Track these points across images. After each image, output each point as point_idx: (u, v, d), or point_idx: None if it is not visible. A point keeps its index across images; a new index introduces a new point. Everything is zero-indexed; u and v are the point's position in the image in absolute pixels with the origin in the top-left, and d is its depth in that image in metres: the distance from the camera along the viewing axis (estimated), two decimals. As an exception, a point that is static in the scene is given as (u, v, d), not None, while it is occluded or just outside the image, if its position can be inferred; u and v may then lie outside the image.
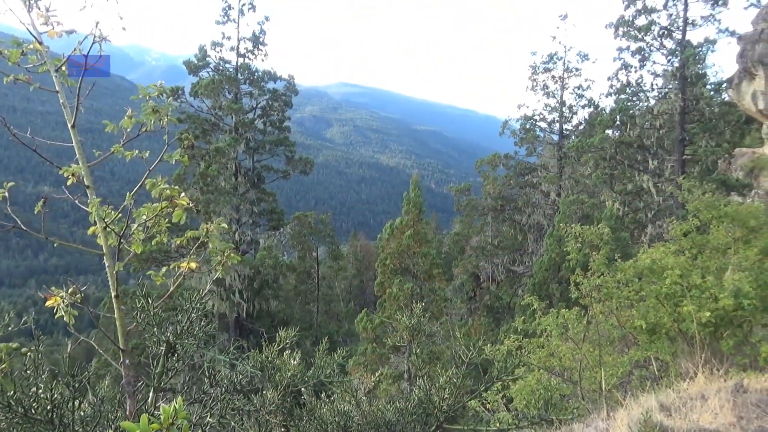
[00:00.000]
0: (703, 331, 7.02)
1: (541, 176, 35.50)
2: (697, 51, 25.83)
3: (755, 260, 7.37)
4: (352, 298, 46.29)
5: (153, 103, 2.34)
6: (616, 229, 22.72)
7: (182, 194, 2.39)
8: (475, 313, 34.29)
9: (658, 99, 28.58)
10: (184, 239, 2.51)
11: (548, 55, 35.07)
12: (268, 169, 31.04)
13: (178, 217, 2.32)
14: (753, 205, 8.98)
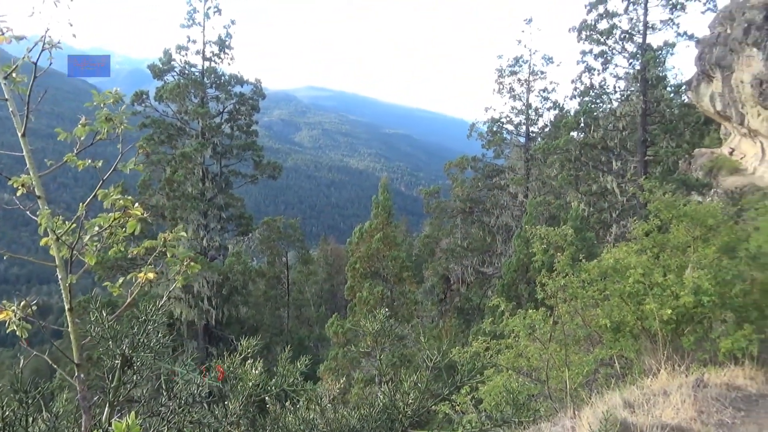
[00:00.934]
0: (665, 328, 7.19)
1: (509, 178, 35.90)
2: (657, 54, 26.49)
3: (713, 258, 7.57)
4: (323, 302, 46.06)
5: (107, 111, 2.29)
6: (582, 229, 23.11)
7: (136, 204, 2.34)
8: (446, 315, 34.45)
9: (620, 101, 29.23)
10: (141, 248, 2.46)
11: (514, 59, 35.55)
12: (236, 174, 30.75)
13: (133, 227, 2.27)
14: (711, 204, 9.23)
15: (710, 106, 32.56)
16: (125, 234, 2.33)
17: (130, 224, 2.28)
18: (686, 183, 25.67)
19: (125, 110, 2.32)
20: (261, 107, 31.51)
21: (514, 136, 37.13)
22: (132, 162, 2.38)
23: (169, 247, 2.40)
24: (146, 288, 2.45)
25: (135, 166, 2.39)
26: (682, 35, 26.87)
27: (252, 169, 31.07)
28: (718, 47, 28.14)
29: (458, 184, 37.96)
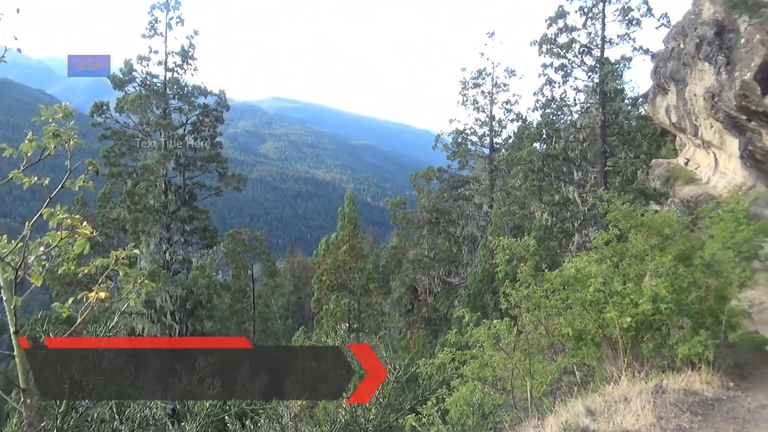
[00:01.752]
0: (625, 336, 7.33)
1: (474, 189, 36.32)
2: (615, 68, 27.22)
3: (670, 266, 7.76)
4: (290, 315, 45.61)
5: (54, 127, 2.22)
6: (545, 239, 23.49)
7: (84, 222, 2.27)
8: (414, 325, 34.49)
9: (580, 113, 29.90)
10: (92, 267, 2.39)
11: (477, 71, 36.10)
12: (199, 186, 30.28)
13: (81, 246, 2.21)
14: (666, 214, 9.49)
15: (666, 118, 33.62)
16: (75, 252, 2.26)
17: (78, 243, 2.21)
18: (644, 192, 26.36)
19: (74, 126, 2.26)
20: (225, 118, 31.18)
21: (479, 148, 37.63)
22: (81, 179, 2.31)
23: (122, 266, 2.34)
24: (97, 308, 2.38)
25: (84, 183, 2.33)
26: (638, 49, 27.66)
27: (216, 181, 30.65)
28: (672, 61, 29.11)
29: (424, 195, 38.22)
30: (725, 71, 21.06)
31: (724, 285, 8.00)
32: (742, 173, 25.50)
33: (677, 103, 30.59)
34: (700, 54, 23.83)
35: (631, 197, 23.43)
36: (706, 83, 23.91)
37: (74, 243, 2.22)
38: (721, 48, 22.32)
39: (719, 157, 29.39)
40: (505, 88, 36.05)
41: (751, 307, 9.72)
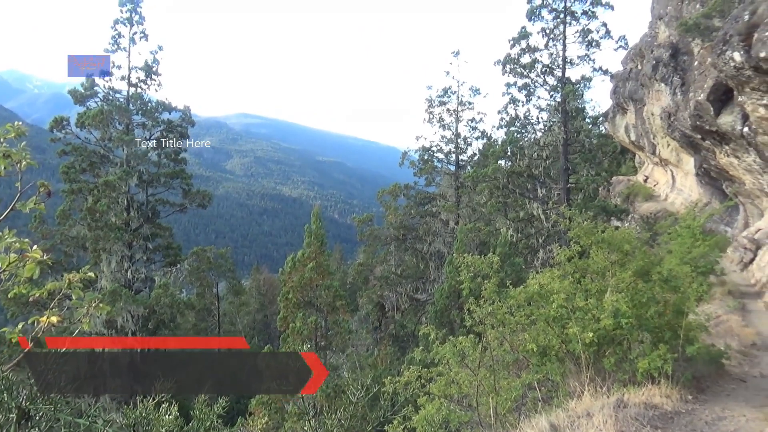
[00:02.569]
0: (588, 351, 7.44)
1: (440, 205, 36.58)
2: (576, 87, 27.96)
3: (630, 282, 7.93)
4: (256, 333, 44.94)
5: (5, 147, 2.16)
6: (511, 255, 23.79)
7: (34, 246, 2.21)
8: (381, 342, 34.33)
9: (543, 131, 30.57)
10: (44, 291, 2.32)
11: (443, 90, 36.61)
12: (163, 203, 29.80)
13: (31, 271, 2.14)
14: (626, 230, 9.72)
15: (625, 137, 34.59)
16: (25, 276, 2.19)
17: (28, 268, 2.14)
18: (606, 209, 26.98)
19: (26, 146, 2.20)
20: (191, 134, 30.85)
21: (445, 164, 38.02)
22: (32, 201, 2.25)
23: (75, 289, 2.27)
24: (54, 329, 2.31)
25: (35, 206, 2.26)
26: (598, 70, 28.53)
27: (181, 197, 30.23)
28: (631, 82, 30.03)
29: (391, 211, 38.34)
30: (680, 92, 21.81)
31: (681, 300, 8.20)
32: (698, 190, 26.34)
33: (636, 122, 31.53)
34: (656, 75, 24.65)
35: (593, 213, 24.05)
36: (662, 103, 24.72)
37: (24, 266, 2.16)
38: (676, 69, 23.14)
39: (676, 175, 30.32)
40: (470, 106, 36.63)
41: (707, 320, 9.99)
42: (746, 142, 14.52)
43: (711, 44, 13.97)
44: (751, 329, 11.75)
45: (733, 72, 10.45)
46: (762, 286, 15.01)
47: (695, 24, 19.88)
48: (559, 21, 28.17)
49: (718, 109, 16.38)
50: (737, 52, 10.07)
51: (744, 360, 9.63)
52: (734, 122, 15.03)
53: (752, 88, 10.25)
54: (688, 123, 19.05)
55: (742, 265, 17.83)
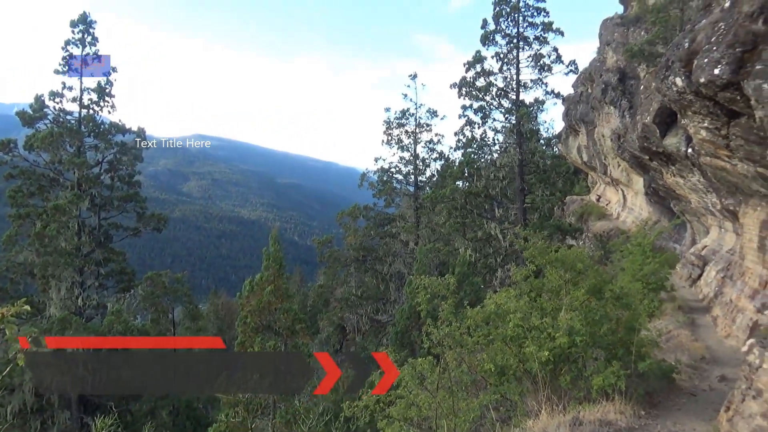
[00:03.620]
0: (544, 369, 7.55)
1: (400, 226, 36.79)
2: (530, 110, 28.76)
3: (583, 300, 8.13)
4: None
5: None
6: (470, 275, 24.01)
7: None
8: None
9: (500, 153, 31.24)
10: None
11: (401, 112, 37.14)
12: (116, 227, 29.03)
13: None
14: (578, 249, 9.97)
15: (578, 158, 35.57)
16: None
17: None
18: (561, 228, 27.60)
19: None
20: (145, 156, 30.29)
21: (404, 186, 38.36)
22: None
23: (8, 324, 2.16)
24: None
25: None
26: (550, 93, 29.43)
27: (135, 221, 29.54)
28: (582, 105, 31.01)
29: (351, 232, 38.33)
30: (628, 114, 22.64)
31: (633, 316, 8.45)
32: (648, 209, 27.21)
33: (587, 144, 32.49)
34: (606, 98, 25.54)
35: (548, 233, 24.55)
36: (612, 125, 25.58)
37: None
38: (624, 93, 24.03)
39: (627, 194, 31.29)
40: (428, 128, 37.22)
41: (659, 336, 10.30)
42: (691, 162, 15.12)
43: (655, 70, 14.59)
44: (700, 343, 12.13)
45: (675, 96, 10.92)
46: (709, 301, 15.54)
47: (640, 50, 20.77)
48: (513, 46, 29.04)
49: (663, 131, 17.03)
50: (679, 77, 10.53)
51: (694, 374, 9.93)
52: (679, 144, 15.66)
53: (694, 112, 10.72)
54: (637, 144, 19.74)
55: (691, 280, 18.44)
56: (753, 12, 8.54)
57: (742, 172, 10.88)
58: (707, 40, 9.58)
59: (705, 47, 9.57)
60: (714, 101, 9.68)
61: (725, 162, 11.28)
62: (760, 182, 10.55)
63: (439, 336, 7.79)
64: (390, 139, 37.53)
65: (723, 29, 9.14)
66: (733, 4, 9.39)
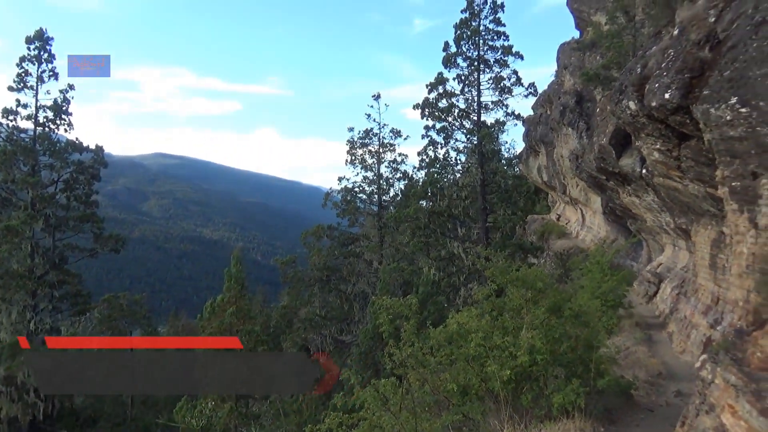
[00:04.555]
0: (506, 388, 7.60)
1: (364, 246, 36.77)
2: (491, 131, 29.30)
3: (544, 318, 8.24)
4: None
5: None
6: (433, 294, 24.10)
7: None
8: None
9: (462, 172, 31.67)
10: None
11: (364, 132, 37.37)
12: (72, 248, 28.24)
13: None
14: (538, 269, 10.13)
15: (538, 178, 36.31)
16: None
17: None
18: (522, 247, 28.01)
19: None
20: (104, 175, 29.65)
21: (368, 205, 38.44)
22: None
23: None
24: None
25: None
26: (511, 115, 30.03)
27: (92, 242, 28.78)
28: (541, 126, 31.75)
29: (315, 252, 38.07)
30: (586, 136, 23.27)
31: (592, 334, 8.60)
32: (606, 227, 27.88)
33: (547, 164, 33.22)
34: (564, 120, 26.21)
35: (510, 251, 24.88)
36: (570, 146, 26.23)
37: None
38: (581, 115, 24.73)
39: (586, 213, 32.02)
40: (391, 147, 37.47)
41: (617, 352, 10.49)
42: (645, 183, 15.60)
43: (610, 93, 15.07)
44: (657, 359, 12.41)
45: (629, 119, 11.29)
46: (665, 318, 15.94)
47: (596, 74, 21.43)
48: (474, 68, 29.62)
49: (619, 152, 17.56)
50: (632, 101, 10.91)
51: (651, 390, 10.14)
52: (634, 164, 16.16)
53: (647, 134, 11.09)
54: (594, 165, 20.27)
55: (647, 297, 18.90)
56: (700, 40, 8.93)
57: (693, 192, 11.27)
58: (658, 65, 9.97)
59: (656, 72, 9.95)
60: (665, 124, 10.05)
61: (677, 182, 11.68)
62: (710, 202, 10.94)
63: (401, 357, 7.78)
64: (354, 159, 37.66)
65: (672, 56, 9.53)
66: (681, 32, 9.81)
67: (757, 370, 5.47)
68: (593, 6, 29.11)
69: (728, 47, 7.91)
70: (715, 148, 8.50)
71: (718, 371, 6.05)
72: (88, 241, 28.84)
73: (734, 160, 7.98)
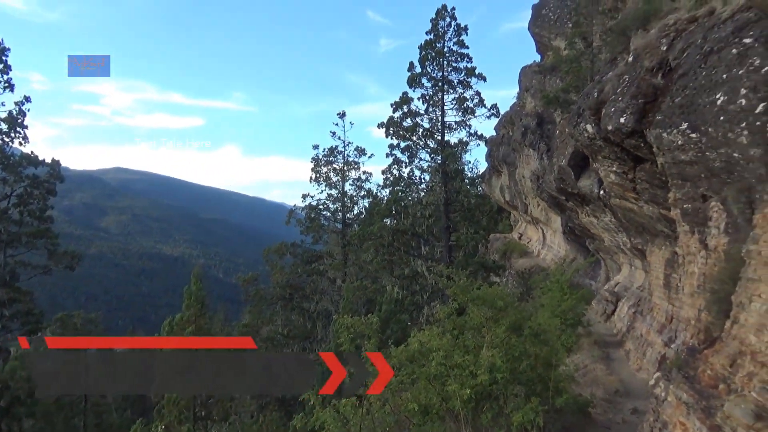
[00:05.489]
0: (466, 407, 7.62)
1: (327, 263, 36.59)
2: (455, 150, 29.71)
3: (504, 337, 8.32)
4: (129, 405, 41.32)
5: None
6: (397, 312, 24.09)
7: None
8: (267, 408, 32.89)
9: (426, 191, 31.94)
10: None
11: (329, 149, 37.40)
12: (24, 265, 27.30)
13: None
14: (499, 288, 10.25)
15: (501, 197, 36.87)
16: None
17: None
18: (485, 265, 28.29)
19: None
20: (60, 190, 28.88)
21: (332, 223, 38.36)
22: None
23: None
24: None
25: None
26: (474, 135, 30.54)
27: (46, 258, 27.89)
28: (504, 146, 32.34)
29: (277, 270, 37.68)
30: (546, 157, 23.79)
31: (551, 352, 8.71)
32: (566, 247, 28.42)
33: (509, 184, 33.79)
34: (525, 141, 26.76)
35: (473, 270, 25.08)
36: (532, 167, 26.77)
37: None
38: (542, 136, 25.30)
39: (546, 232, 32.60)
40: (356, 165, 37.62)
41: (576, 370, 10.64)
42: (602, 203, 16.00)
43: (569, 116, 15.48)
44: (615, 377, 12.65)
45: (587, 142, 11.61)
46: (622, 336, 16.28)
47: (555, 97, 22.01)
48: (438, 89, 30.08)
49: (578, 173, 17.99)
50: (590, 124, 11.22)
51: (608, 407, 10.32)
52: (592, 186, 16.57)
53: (603, 157, 11.41)
54: (554, 185, 20.70)
55: (606, 316, 19.28)
56: (653, 67, 9.29)
57: (648, 213, 11.62)
58: (614, 90, 10.31)
59: (612, 97, 10.28)
60: (621, 147, 10.36)
61: (633, 204, 12.02)
62: (664, 223, 11.29)
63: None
64: (318, 176, 37.63)
65: (627, 81, 9.87)
66: (635, 59, 10.19)
67: (707, 387, 5.63)
68: (553, 31, 29.98)
69: (679, 75, 8.24)
70: (667, 171, 8.81)
71: (671, 389, 6.21)
72: (42, 257, 27.97)
73: (685, 183, 8.28)
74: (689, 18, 9.34)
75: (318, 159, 37.62)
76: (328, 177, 37.60)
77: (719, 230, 7.42)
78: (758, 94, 6.12)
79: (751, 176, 6.30)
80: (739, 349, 5.44)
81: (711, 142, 6.96)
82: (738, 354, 5.43)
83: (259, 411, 32.60)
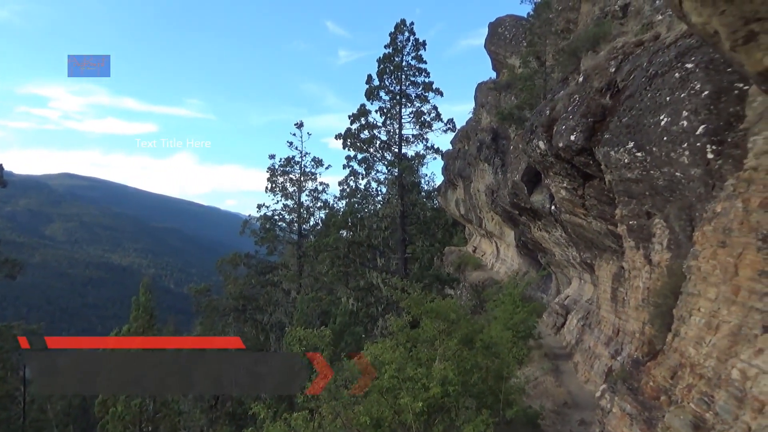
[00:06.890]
0: (419, 420, 7.63)
1: (282, 274, 36.17)
2: (411, 163, 29.94)
3: (456, 349, 8.39)
4: (72, 421, 39.58)
5: None
6: (351, 324, 23.97)
7: None
8: (217, 422, 32.11)
9: (382, 203, 32.04)
10: None
11: (286, 159, 37.11)
12: (-41, 274, 26.01)
13: None
14: (452, 301, 10.34)
15: (456, 210, 37.29)
16: None
17: None
18: (440, 278, 28.52)
19: None
20: (3, 195, 27.81)
21: (287, 234, 37.97)
22: None
23: None
24: None
25: None
26: (431, 149, 30.88)
27: (-17, 267, 26.64)
28: (459, 160, 32.77)
29: (231, 281, 37.00)
30: (501, 172, 24.24)
31: (501, 365, 8.83)
32: (519, 260, 28.94)
33: (465, 197, 34.23)
34: (481, 156, 27.19)
35: (428, 282, 25.23)
36: (486, 181, 27.20)
37: None
38: (497, 152, 25.76)
39: (500, 246, 33.12)
40: (312, 176, 37.42)
41: (526, 383, 10.81)
42: (554, 218, 16.40)
43: (522, 132, 15.84)
44: (563, 389, 12.89)
45: (539, 158, 11.89)
46: (571, 348, 16.64)
47: (510, 114, 22.50)
48: (395, 102, 30.34)
49: (531, 188, 18.40)
50: (542, 141, 11.51)
51: (557, 419, 10.50)
52: (543, 201, 16.98)
53: (555, 173, 11.70)
54: (508, 200, 21.11)
55: (556, 328, 19.68)
56: (602, 87, 9.61)
57: (596, 228, 11.96)
58: (565, 109, 10.62)
59: (563, 115, 10.58)
60: (571, 164, 10.66)
61: (582, 219, 12.36)
62: (611, 239, 11.63)
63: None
64: (274, 187, 37.24)
65: (577, 101, 10.18)
66: (585, 79, 10.52)
67: (649, 399, 5.80)
68: (509, 50, 30.70)
69: (626, 96, 8.55)
70: (614, 188, 9.10)
71: (616, 400, 6.37)
72: (-20, 266, 26.68)
73: (631, 200, 8.57)
74: (636, 42, 9.72)
75: (274, 169, 37.27)
76: (285, 187, 37.27)
77: (662, 246, 7.69)
78: (699, 116, 6.40)
79: (691, 195, 6.57)
80: (680, 362, 5.63)
81: (655, 161, 7.23)
82: (678, 366, 5.62)
83: (209, 425, 31.84)
